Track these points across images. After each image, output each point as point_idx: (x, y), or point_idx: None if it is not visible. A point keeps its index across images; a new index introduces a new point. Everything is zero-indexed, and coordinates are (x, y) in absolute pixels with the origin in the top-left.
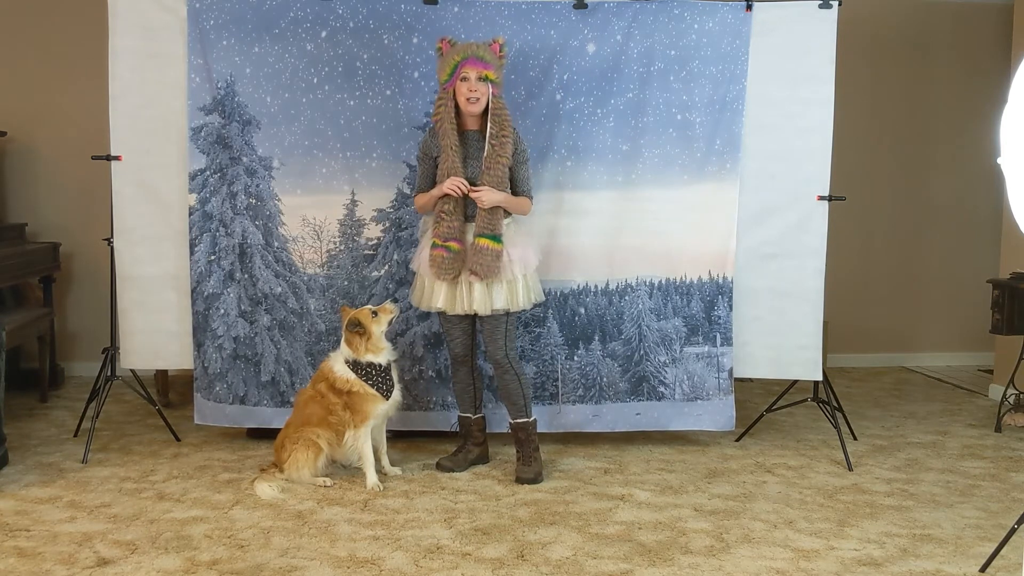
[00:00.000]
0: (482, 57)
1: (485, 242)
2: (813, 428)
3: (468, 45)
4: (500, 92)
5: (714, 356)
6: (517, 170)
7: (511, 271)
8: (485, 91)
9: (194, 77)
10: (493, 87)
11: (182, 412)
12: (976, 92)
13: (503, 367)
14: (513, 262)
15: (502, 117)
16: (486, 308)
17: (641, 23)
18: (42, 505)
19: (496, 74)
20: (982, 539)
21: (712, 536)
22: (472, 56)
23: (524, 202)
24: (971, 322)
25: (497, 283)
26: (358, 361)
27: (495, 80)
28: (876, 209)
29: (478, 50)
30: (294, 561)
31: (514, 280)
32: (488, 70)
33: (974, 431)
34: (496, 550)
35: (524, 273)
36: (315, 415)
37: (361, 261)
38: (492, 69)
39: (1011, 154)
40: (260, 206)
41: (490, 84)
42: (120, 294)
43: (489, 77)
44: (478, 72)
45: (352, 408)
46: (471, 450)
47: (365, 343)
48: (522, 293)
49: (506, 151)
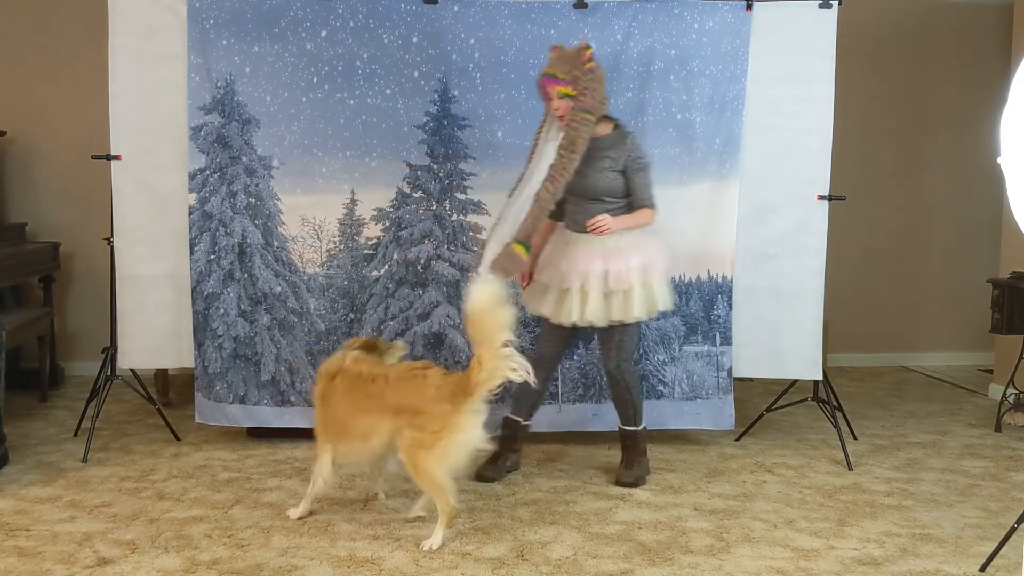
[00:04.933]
0: (553, 74)
1: (518, 248)
2: (813, 428)
3: (551, 59)
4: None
5: (713, 355)
6: (630, 180)
7: (628, 280)
8: (564, 107)
9: (194, 76)
10: (570, 101)
11: (182, 411)
12: (976, 92)
13: (614, 378)
14: (632, 271)
15: (575, 132)
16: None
17: (641, 23)
18: (42, 505)
19: (571, 88)
20: (982, 539)
21: (712, 536)
22: (544, 75)
23: (642, 217)
24: (971, 322)
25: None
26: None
27: (572, 94)
28: (876, 209)
29: (551, 66)
30: (294, 561)
31: (630, 290)
32: (558, 86)
33: (974, 431)
34: (496, 550)
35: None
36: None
37: (361, 260)
38: (563, 84)
39: (1011, 154)
40: (260, 205)
41: (568, 99)
42: (120, 294)
43: (565, 93)
44: (550, 92)
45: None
46: (508, 456)
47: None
48: (639, 302)
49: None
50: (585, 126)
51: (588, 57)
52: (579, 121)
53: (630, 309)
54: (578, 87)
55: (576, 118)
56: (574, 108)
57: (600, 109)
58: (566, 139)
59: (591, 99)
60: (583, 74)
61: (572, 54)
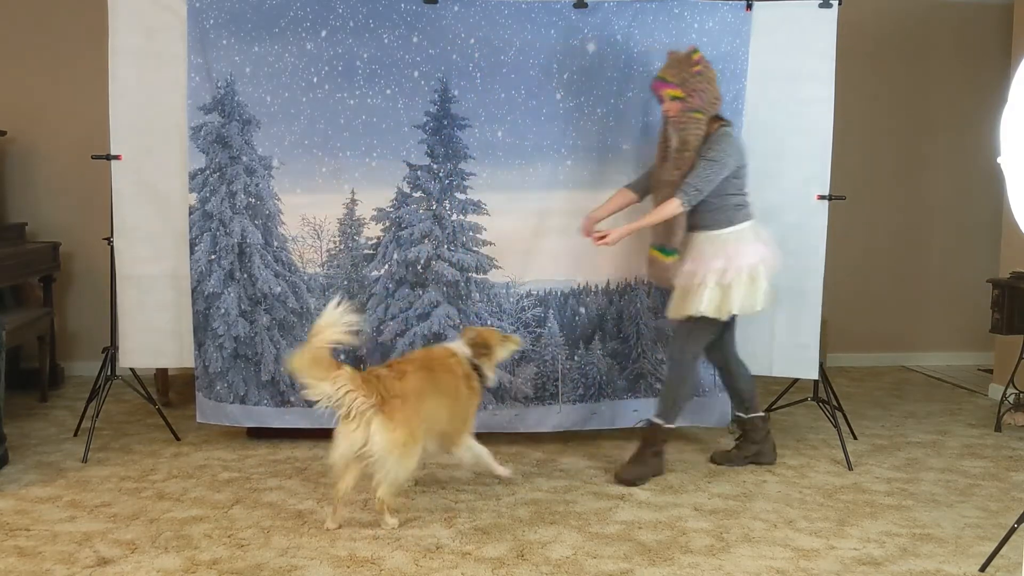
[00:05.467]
0: (663, 78)
1: (655, 254)
2: (813, 428)
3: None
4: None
5: None
6: (695, 163)
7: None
8: (674, 108)
9: (194, 76)
10: (679, 103)
11: (182, 411)
12: (976, 92)
13: (671, 362)
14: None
15: (686, 131)
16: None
17: (641, 22)
18: (42, 504)
19: (680, 90)
20: (982, 538)
21: (712, 536)
22: (655, 79)
23: (664, 208)
24: (971, 322)
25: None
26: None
27: (680, 96)
28: (876, 208)
29: (662, 70)
30: (294, 560)
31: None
32: (668, 88)
33: (974, 431)
34: (496, 550)
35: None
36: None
37: (361, 260)
38: (673, 86)
39: (1011, 154)
40: (260, 205)
41: (677, 101)
42: (120, 294)
43: (674, 95)
44: (662, 94)
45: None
46: (747, 447)
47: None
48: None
49: (686, 165)
50: (695, 125)
51: (696, 60)
52: (689, 120)
53: (697, 305)
54: (686, 89)
55: (684, 118)
56: (683, 109)
57: (711, 109)
58: (679, 139)
59: (700, 100)
60: (691, 76)
61: (681, 58)
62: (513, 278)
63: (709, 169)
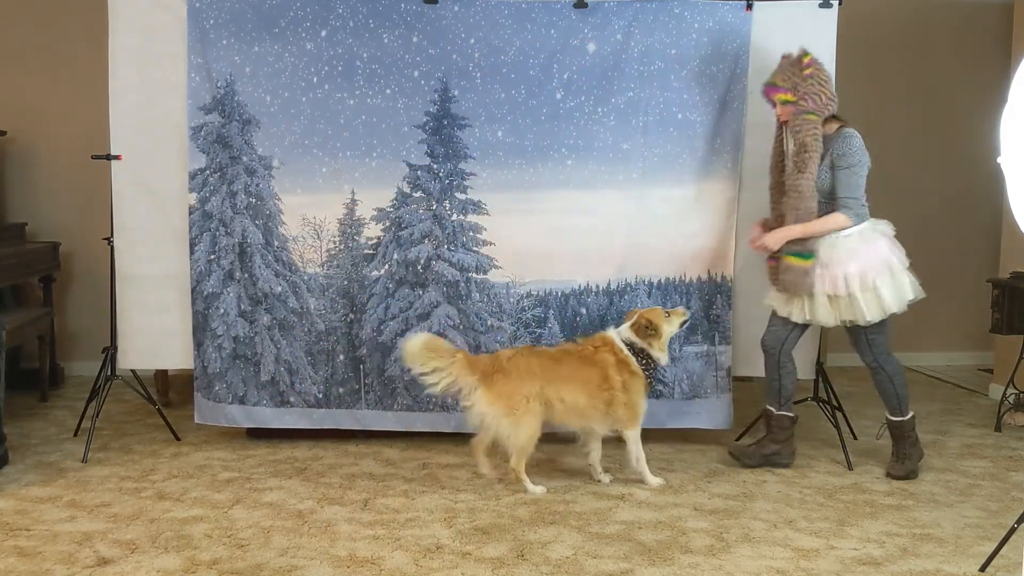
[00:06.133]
0: (773, 82)
1: (791, 260)
2: (813, 428)
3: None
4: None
5: (713, 355)
6: (836, 177)
7: (847, 287)
8: (786, 112)
9: (194, 76)
10: (791, 106)
11: (182, 412)
12: (976, 91)
13: (873, 370)
14: (849, 277)
15: (802, 133)
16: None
17: (641, 22)
18: (42, 504)
19: (791, 94)
20: (982, 538)
21: (712, 536)
22: (766, 85)
23: (829, 221)
24: (971, 322)
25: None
26: (643, 350)
27: (791, 100)
28: (876, 208)
29: (773, 75)
30: (294, 560)
31: (853, 296)
32: (778, 93)
33: (974, 431)
34: (496, 550)
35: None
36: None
37: (361, 260)
38: (783, 91)
39: (1011, 153)
40: (260, 205)
41: (789, 105)
42: (120, 294)
43: (785, 100)
44: (773, 99)
45: (629, 396)
46: (767, 445)
47: (655, 341)
48: (866, 308)
49: (809, 168)
50: (811, 126)
51: (807, 63)
52: (803, 122)
53: (860, 313)
54: (798, 93)
55: (798, 120)
56: (795, 112)
57: (825, 111)
58: (797, 143)
59: (813, 102)
60: (803, 80)
61: (792, 62)
62: (513, 278)
63: (855, 176)
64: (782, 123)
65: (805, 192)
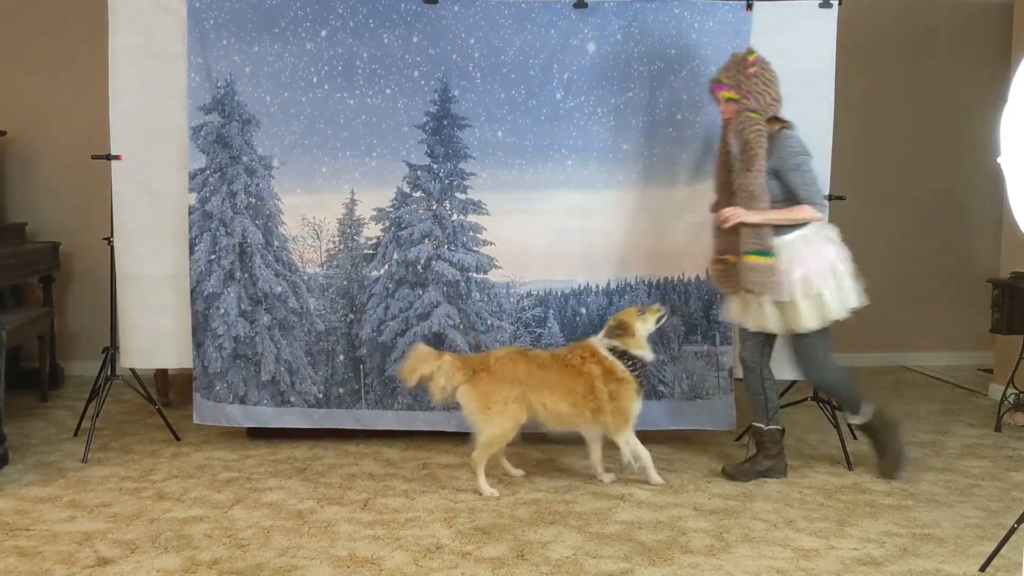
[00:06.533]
0: (718, 79)
1: (753, 259)
2: (813, 428)
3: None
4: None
5: (713, 355)
6: (786, 178)
7: (791, 293)
8: (729, 110)
9: (194, 76)
10: (734, 104)
11: (182, 411)
12: (976, 91)
13: (814, 383)
14: (793, 283)
15: (746, 132)
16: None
17: (641, 22)
18: (42, 504)
19: (736, 92)
20: (982, 538)
21: (712, 536)
22: (711, 81)
23: (796, 211)
24: (971, 322)
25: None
26: (626, 351)
27: (735, 98)
28: (876, 208)
29: (719, 72)
30: (294, 560)
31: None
32: (722, 90)
33: (974, 431)
34: (496, 550)
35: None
36: (565, 385)
37: (361, 260)
38: (727, 88)
39: (1011, 153)
40: (260, 205)
41: (732, 103)
42: (120, 294)
43: (728, 97)
44: (717, 96)
45: (616, 403)
46: (760, 462)
47: (631, 340)
48: (807, 314)
49: (756, 165)
50: (754, 124)
51: (752, 62)
52: (746, 120)
53: (798, 320)
54: (741, 91)
55: (741, 119)
56: (738, 110)
57: (768, 110)
58: (742, 141)
59: (756, 101)
60: (746, 78)
61: (737, 59)
62: (513, 278)
63: (804, 172)
64: (726, 121)
65: (755, 191)
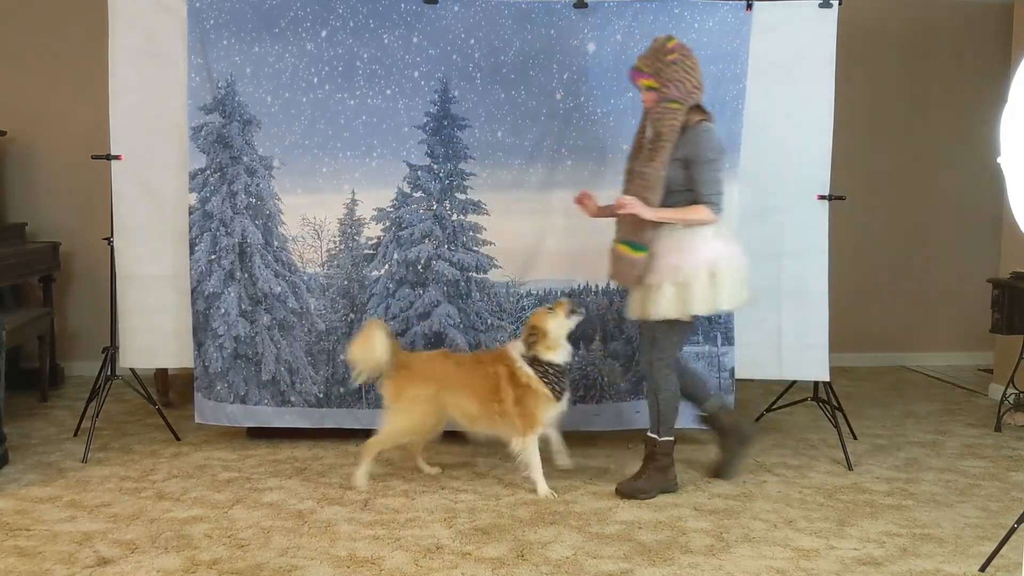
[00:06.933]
0: (638, 68)
1: (623, 249)
2: (813, 428)
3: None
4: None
5: (715, 355)
6: (693, 170)
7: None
8: (650, 99)
9: (194, 76)
10: (654, 93)
11: (182, 411)
12: (976, 91)
13: (646, 375)
14: (665, 268)
15: (660, 122)
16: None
17: (641, 22)
18: (42, 504)
19: (654, 80)
20: (982, 538)
21: (712, 536)
22: (631, 69)
23: (692, 211)
24: (971, 322)
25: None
26: (536, 358)
27: (655, 86)
28: (876, 209)
29: (639, 60)
30: (294, 561)
31: (658, 288)
32: (641, 78)
33: (974, 430)
34: (496, 550)
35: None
36: (474, 386)
37: (361, 260)
38: (646, 76)
39: (1011, 153)
40: (260, 205)
41: (652, 91)
42: (120, 294)
43: (648, 86)
44: (637, 84)
45: (523, 409)
46: (652, 475)
47: (543, 342)
48: (668, 302)
49: (660, 158)
50: (671, 115)
51: (671, 49)
52: (664, 111)
53: (657, 308)
54: (661, 79)
55: (660, 108)
56: (658, 99)
57: (689, 99)
58: (654, 131)
59: (676, 90)
60: (666, 66)
61: (656, 47)
62: (513, 278)
63: (712, 170)
64: (647, 109)
65: (651, 181)
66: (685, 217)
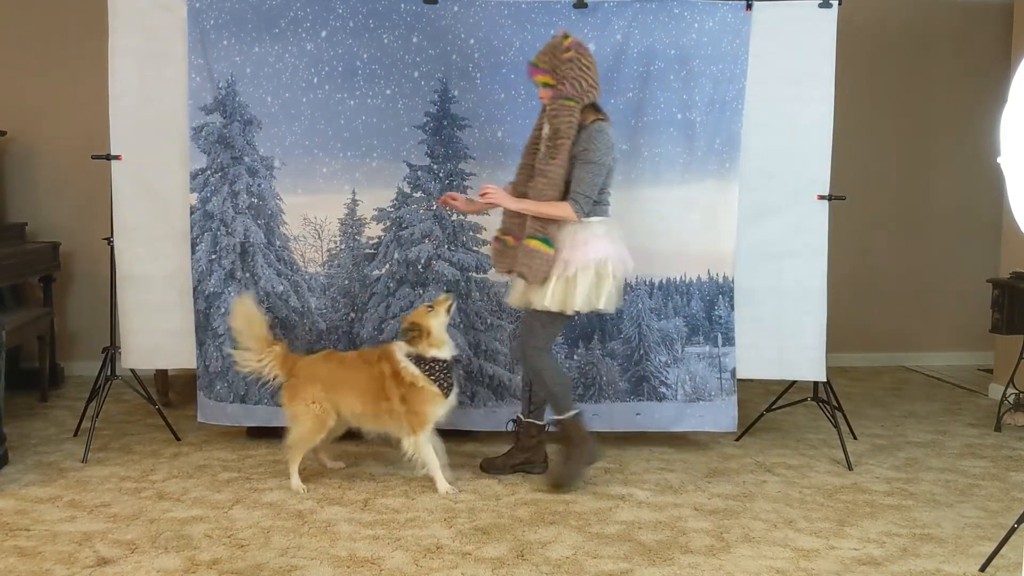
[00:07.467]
0: (535, 63)
1: (534, 244)
2: (813, 428)
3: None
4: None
5: (716, 356)
6: (575, 166)
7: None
8: (546, 95)
9: (195, 77)
10: (551, 90)
11: (182, 412)
12: (976, 91)
13: (521, 362)
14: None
15: (557, 119)
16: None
17: (641, 22)
18: (42, 504)
19: (550, 77)
20: (982, 538)
21: (712, 536)
22: (528, 64)
23: (556, 207)
24: (971, 322)
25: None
26: (421, 356)
27: (551, 83)
28: (876, 208)
29: (536, 56)
30: (294, 561)
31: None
32: (538, 75)
33: (974, 430)
34: (496, 550)
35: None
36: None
37: (362, 260)
38: (543, 73)
39: (1011, 153)
40: (262, 205)
41: (549, 88)
42: (120, 294)
43: (545, 83)
44: (534, 80)
45: (411, 407)
46: (514, 455)
47: (426, 340)
48: (551, 293)
49: (561, 155)
50: (567, 113)
51: (568, 47)
52: (560, 108)
53: (541, 299)
54: (557, 76)
55: (556, 105)
56: (554, 96)
57: (584, 98)
58: (550, 128)
59: (572, 88)
60: (562, 63)
61: (553, 43)
62: None
63: (592, 173)
64: (544, 106)
65: (554, 179)
66: (547, 211)
